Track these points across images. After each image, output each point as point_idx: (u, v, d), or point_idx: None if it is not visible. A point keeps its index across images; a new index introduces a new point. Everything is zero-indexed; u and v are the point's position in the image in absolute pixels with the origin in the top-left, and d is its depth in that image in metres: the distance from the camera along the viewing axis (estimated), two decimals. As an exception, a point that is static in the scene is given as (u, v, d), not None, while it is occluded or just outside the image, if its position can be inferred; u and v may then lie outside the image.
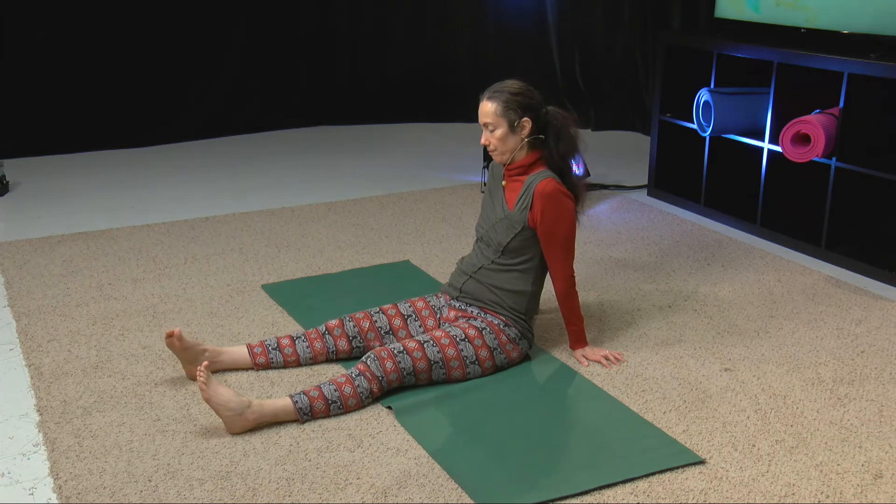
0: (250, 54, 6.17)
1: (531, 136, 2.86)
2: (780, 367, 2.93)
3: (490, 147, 2.88)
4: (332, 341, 2.88)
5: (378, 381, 2.65)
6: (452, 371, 2.76)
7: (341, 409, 2.61)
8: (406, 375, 2.69)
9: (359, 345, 2.89)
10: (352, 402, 2.61)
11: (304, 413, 2.57)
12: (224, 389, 2.50)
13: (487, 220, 2.96)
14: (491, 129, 2.84)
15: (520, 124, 2.83)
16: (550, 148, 2.88)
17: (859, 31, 3.90)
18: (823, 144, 3.71)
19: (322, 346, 2.88)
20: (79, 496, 2.24)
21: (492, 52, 6.47)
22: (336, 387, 2.61)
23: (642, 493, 2.27)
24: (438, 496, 2.25)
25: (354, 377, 2.63)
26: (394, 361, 2.66)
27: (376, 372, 2.65)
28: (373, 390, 2.64)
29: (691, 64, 4.59)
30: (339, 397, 2.60)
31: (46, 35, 5.52)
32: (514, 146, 2.86)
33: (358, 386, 2.62)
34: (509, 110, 2.81)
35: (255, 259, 3.87)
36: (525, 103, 2.83)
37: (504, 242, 2.87)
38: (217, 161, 5.55)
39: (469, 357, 2.78)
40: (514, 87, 2.84)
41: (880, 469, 2.38)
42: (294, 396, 2.58)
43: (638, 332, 3.18)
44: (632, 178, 5.10)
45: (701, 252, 3.99)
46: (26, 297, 3.46)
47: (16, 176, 5.09)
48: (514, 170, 2.91)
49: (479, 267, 2.92)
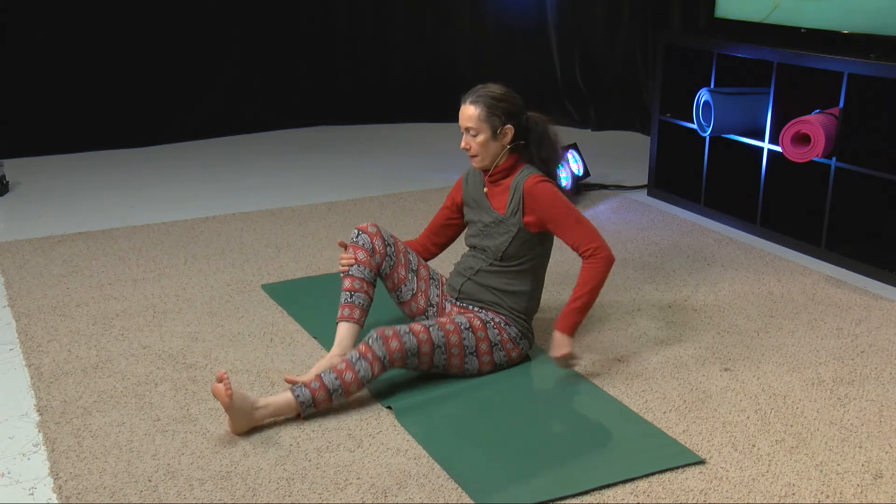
0: (250, 54, 6.17)
1: (513, 142, 2.82)
2: (780, 367, 2.93)
3: (470, 152, 2.83)
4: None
5: (381, 361, 2.62)
6: (452, 358, 2.75)
7: (344, 396, 2.61)
8: (410, 357, 2.66)
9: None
10: (353, 387, 2.61)
11: (306, 406, 2.57)
12: (239, 393, 2.53)
13: (478, 227, 2.92)
14: (473, 134, 2.80)
15: (503, 131, 2.79)
16: (531, 153, 2.85)
17: (859, 31, 3.90)
18: (823, 144, 3.71)
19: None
20: (79, 496, 2.24)
21: (492, 52, 6.47)
22: (337, 374, 2.59)
23: (642, 493, 2.27)
24: (438, 496, 2.25)
25: (355, 361, 2.61)
26: (399, 341, 2.64)
27: (379, 352, 2.62)
28: (374, 372, 2.62)
29: (691, 64, 4.59)
30: (340, 385, 2.59)
31: (46, 35, 5.52)
32: (496, 153, 2.82)
33: (359, 370, 2.60)
34: (493, 116, 2.77)
35: (255, 259, 3.87)
36: (508, 109, 2.80)
37: (502, 248, 2.85)
38: (217, 161, 5.55)
39: (469, 347, 2.77)
40: (498, 93, 2.80)
41: (880, 469, 2.38)
42: (295, 390, 2.57)
43: (638, 332, 3.18)
44: (632, 178, 5.10)
45: (701, 252, 3.99)
46: (26, 297, 3.46)
47: (16, 176, 5.09)
48: (495, 175, 2.87)
49: (476, 269, 2.91)
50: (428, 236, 3.11)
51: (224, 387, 2.42)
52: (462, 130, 2.82)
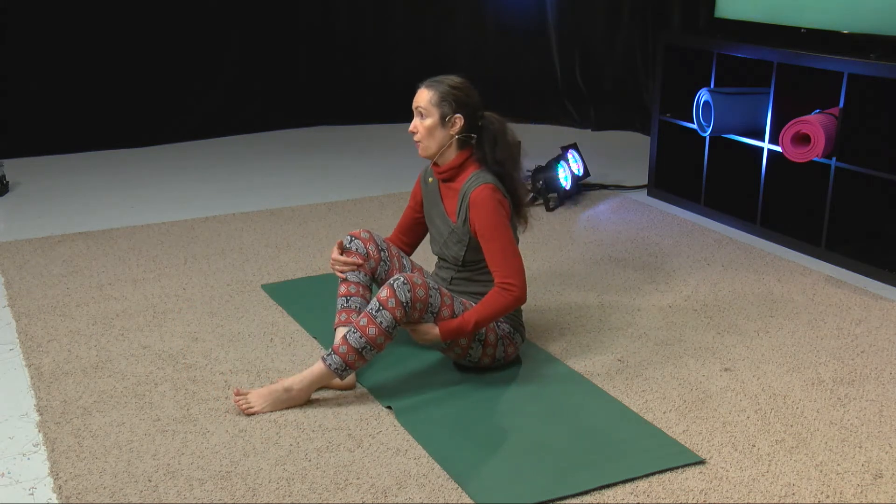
0: (250, 54, 6.17)
1: (461, 133, 2.80)
2: (780, 367, 2.93)
3: (416, 136, 2.82)
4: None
5: (403, 307, 2.60)
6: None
7: (375, 351, 2.62)
8: (428, 314, 2.65)
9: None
10: (380, 339, 2.61)
11: (340, 371, 2.60)
12: (260, 393, 2.62)
13: (438, 236, 2.93)
14: (422, 117, 2.80)
15: (451, 120, 2.78)
16: (485, 152, 2.81)
17: (859, 31, 3.90)
18: (823, 144, 3.71)
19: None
20: (79, 496, 2.24)
21: (492, 52, 6.47)
22: (360, 332, 2.60)
23: (642, 493, 2.27)
24: (438, 496, 2.25)
25: (375, 312, 2.60)
26: (426, 292, 2.63)
27: (403, 297, 2.59)
28: (396, 318, 2.60)
29: (691, 64, 4.59)
30: (366, 342, 2.60)
31: (46, 35, 5.52)
32: (442, 142, 2.80)
33: (381, 322, 2.60)
34: (444, 102, 2.77)
35: (255, 259, 3.87)
36: (461, 99, 2.78)
37: (459, 257, 2.85)
38: (217, 161, 5.55)
39: (480, 333, 2.76)
40: (454, 82, 2.81)
41: (880, 469, 2.38)
42: (326, 359, 2.61)
43: (638, 332, 3.18)
44: (632, 178, 5.10)
45: (701, 252, 3.99)
46: (26, 297, 3.46)
47: (16, 176, 5.09)
48: (444, 172, 2.85)
49: (449, 279, 2.92)
50: (398, 236, 3.12)
51: (239, 403, 2.58)
52: (414, 111, 2.82)
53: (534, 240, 4.06)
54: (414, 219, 3.08)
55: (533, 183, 4.59)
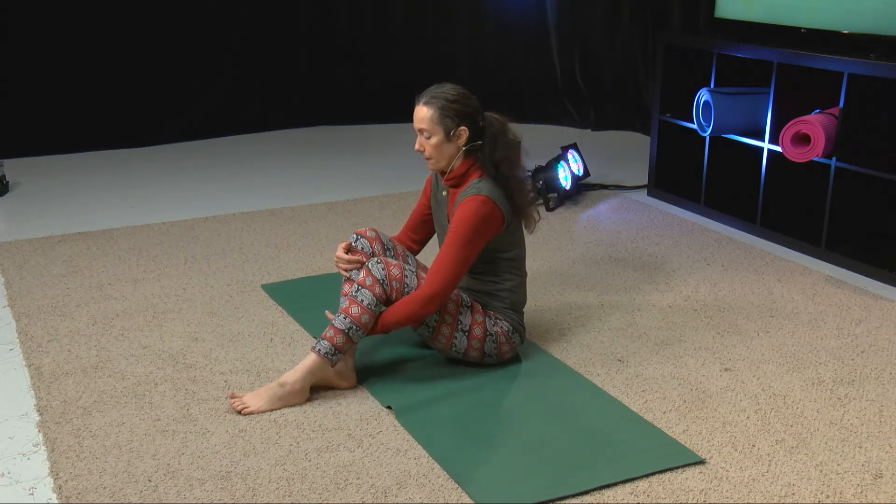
0: (250, 54, 6.17)
1: (468, 143, 2.79)
2: (780, 367, 2.93)
3: (425, 154, 2.81)
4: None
5: (380, 284, 2.67)
6: (443, 325, 2.75)
7: (361, 331, 2.66)
8: (405, 291, 2.70)
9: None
10: (364, 318, 2.66)
11: (331, 355, 2.64)
12: (255, 392, 2.63)
13: (442, 236, 2.94)
14: (427, 136, 2.78)
15: (456, 133, 2.77)
16: (485, 154, 2.80)
17: (859, 31, 3.90)
18: (823, 144, 3.71)
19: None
20: (79, 496, 2.24)
21: (492, 52, 6.47)
22: (344, 314, 2.66)
23: (642, 493, 2.27)
24: (438, 496, 2.25)
25: (356, 293, 2.67)
26: (401, 272, 2.70)
27: (377, 274, 2.67)
28: (376, 294, 2.66)
29: (691, 64, 4.59)
30: (351, 322, 2.65)
31: (46, 35, 5.52)
32: (451, 155, 2.80)
33: (362, 300, 2.66)
34: (445, 118, 2.75)
35: (255, 259, 3.87)
36: (461, 111, 2.76)
37: None
38: (217, 161, 5.55)
39: (463, 324, 2.77)
40: (451, 94, 2.77)
41: (880, 469, 2.38)
42: (315, 346, 2.66)
43: (638, 332, 3.18)
44: (632, 178, 5.10)
45: (701, 252, 3.99)
46: (26, 297, 3.46)
47: (16, 176, 5.09)
48: (451, 179, 2.86)
49: None
50: (407, 233, 3.10)
51: (235, 405, 2.60)
52: (417, 131, 2.81)
53: (534, 240, 4.05)
54: (424, 215, 3.07)
55: (533, 183, 4.59)
